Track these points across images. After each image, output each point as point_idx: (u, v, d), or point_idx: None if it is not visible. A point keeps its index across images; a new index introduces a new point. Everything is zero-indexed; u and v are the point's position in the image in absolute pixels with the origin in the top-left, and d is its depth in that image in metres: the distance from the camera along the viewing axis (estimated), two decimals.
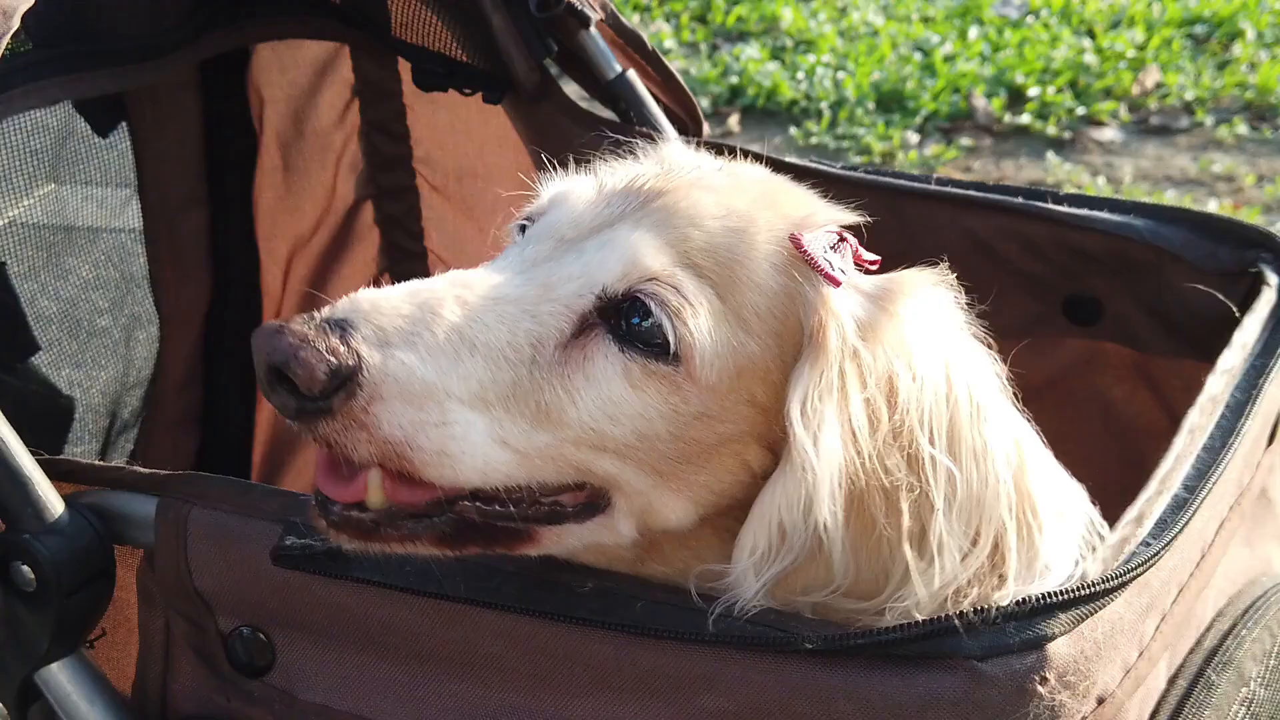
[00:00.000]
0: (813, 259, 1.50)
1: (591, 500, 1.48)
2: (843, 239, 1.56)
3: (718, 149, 2.00)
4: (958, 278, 1.59)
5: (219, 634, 1.58)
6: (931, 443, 1.44)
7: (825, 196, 1.65)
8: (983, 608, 1.31)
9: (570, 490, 1.47)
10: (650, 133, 2.31)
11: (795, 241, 1.51)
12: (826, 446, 1.41)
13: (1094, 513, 1.57)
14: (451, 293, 1.42)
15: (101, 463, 1.77)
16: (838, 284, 1.50)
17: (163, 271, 2.55)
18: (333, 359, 1.31)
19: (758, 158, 1.90)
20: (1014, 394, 1.57)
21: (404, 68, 2.60)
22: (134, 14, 2.26)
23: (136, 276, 2.53)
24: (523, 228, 1.60)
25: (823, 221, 1.57)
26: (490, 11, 2.28)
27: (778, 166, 2.00)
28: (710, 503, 1.51)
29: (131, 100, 2.40)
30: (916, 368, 1.46)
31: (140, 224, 2.51)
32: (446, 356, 1.37)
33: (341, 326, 1.34)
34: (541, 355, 1.42)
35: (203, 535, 1.55)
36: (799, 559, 1.43)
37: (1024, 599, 1.31)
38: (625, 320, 1.44)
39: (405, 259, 2.78)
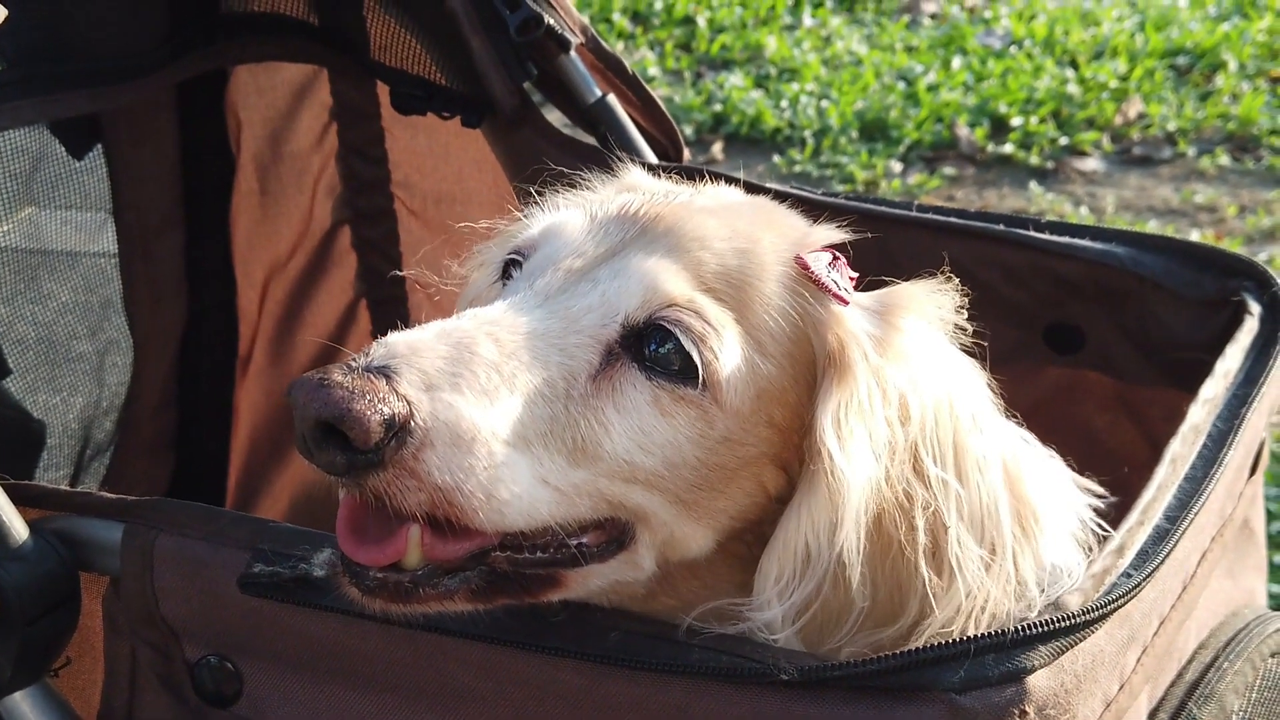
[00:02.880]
0: (820, 279, 1.51)
1: (615, 537, 1.46)
2: (836, 258, 1.57)
3: (698, 174, 2.00)
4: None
5: (185, 663, 1.55)
6: (938, 458, 1.45)
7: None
8: (960, 639, 1.29)
9: (594, 529, 1.45)
10: (628, 158, 2.30)
11: (801, 263, 1.52)
12: (860, 464, 1.42)
13: (1085, 509, 1.58)
14: (482, 330, 1.38)
15: (67, 488, 1.75)
16: (846, 303, 1.52)
17: (138, 294, 2.52)
18: (386, 408, 1.27)
19: (731, 180, 1.89)
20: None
21: (383, 91, 2.58)
22: (111, 34, 2.25)
23: (111, 300, 2.50)
24: (512, 262, 1.58)
25: (819, 241, 1.58)
26: (470, 35, 2.26)
27: (760, 192, 1.99)
28: (727, 528, 1.50)
29: (107, 121, 2.38)
30: (923, 383, 1.48)
31: (115, 247, 2.48)
32: (490, 396, 1.34)
33: (385, 373, 1.29)
34: (574, 389, 1.41)
35: (169, 562, 1.53)
36: (823, 583, 1.43)
37: (1003, 631, 1.29)
38: (645, 346, 1.43)
39: (383, 284, 2.75)
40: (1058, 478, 1.61)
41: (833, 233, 1.61)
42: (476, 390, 1.33)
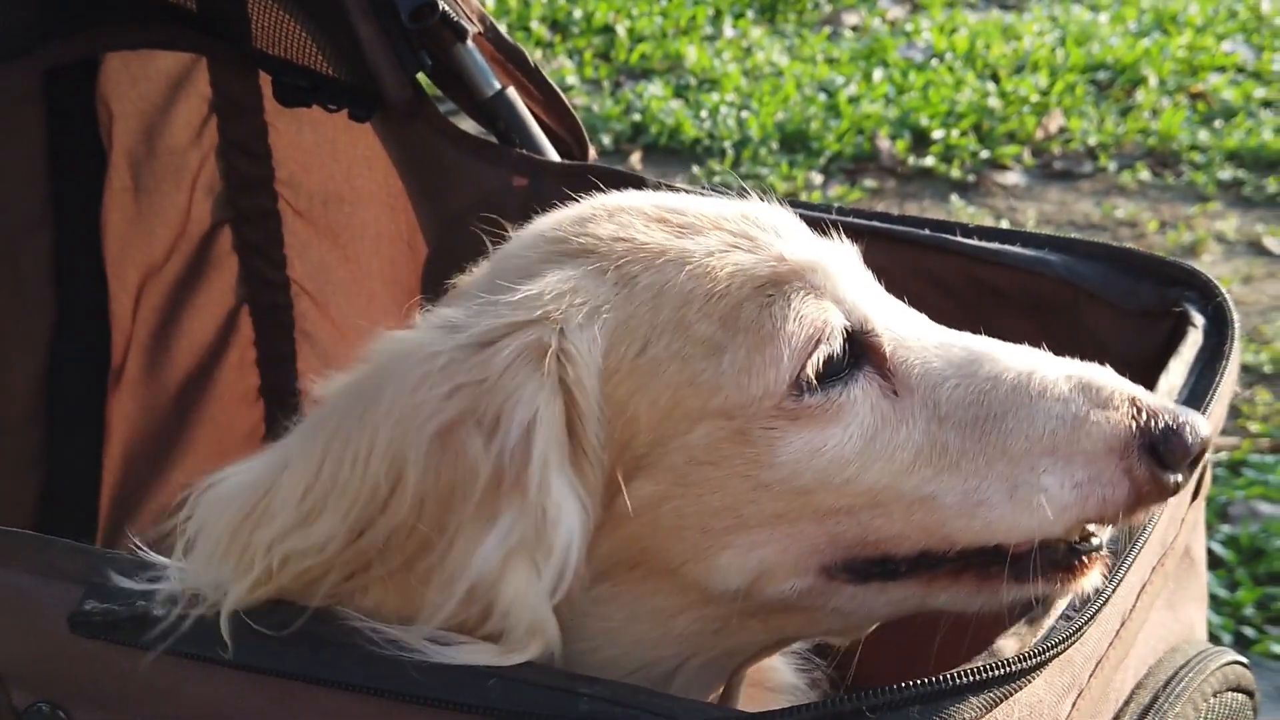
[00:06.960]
0: None
1: None
2: None
3: (606, 174, 1.86)
4: None
5: (13, 711, 1.38)
6: None
7: None
8: (885, 688, 1.15)
9: None
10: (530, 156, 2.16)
11: None
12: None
13: None
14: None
15: None
16: None
17: (0, 299, 2.35)
18: None
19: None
20: None
21: (266, 82, 2.41)
22: None
23: None
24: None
25: None
26: (358, 21, 2.09)
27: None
28: None
29: None
30: None
31: None
32: None
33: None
34: None
35: None
36: None
37: (932, 679, 1.15)
38: None
39: (266, 289, 2.57)
40: None
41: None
42: None
